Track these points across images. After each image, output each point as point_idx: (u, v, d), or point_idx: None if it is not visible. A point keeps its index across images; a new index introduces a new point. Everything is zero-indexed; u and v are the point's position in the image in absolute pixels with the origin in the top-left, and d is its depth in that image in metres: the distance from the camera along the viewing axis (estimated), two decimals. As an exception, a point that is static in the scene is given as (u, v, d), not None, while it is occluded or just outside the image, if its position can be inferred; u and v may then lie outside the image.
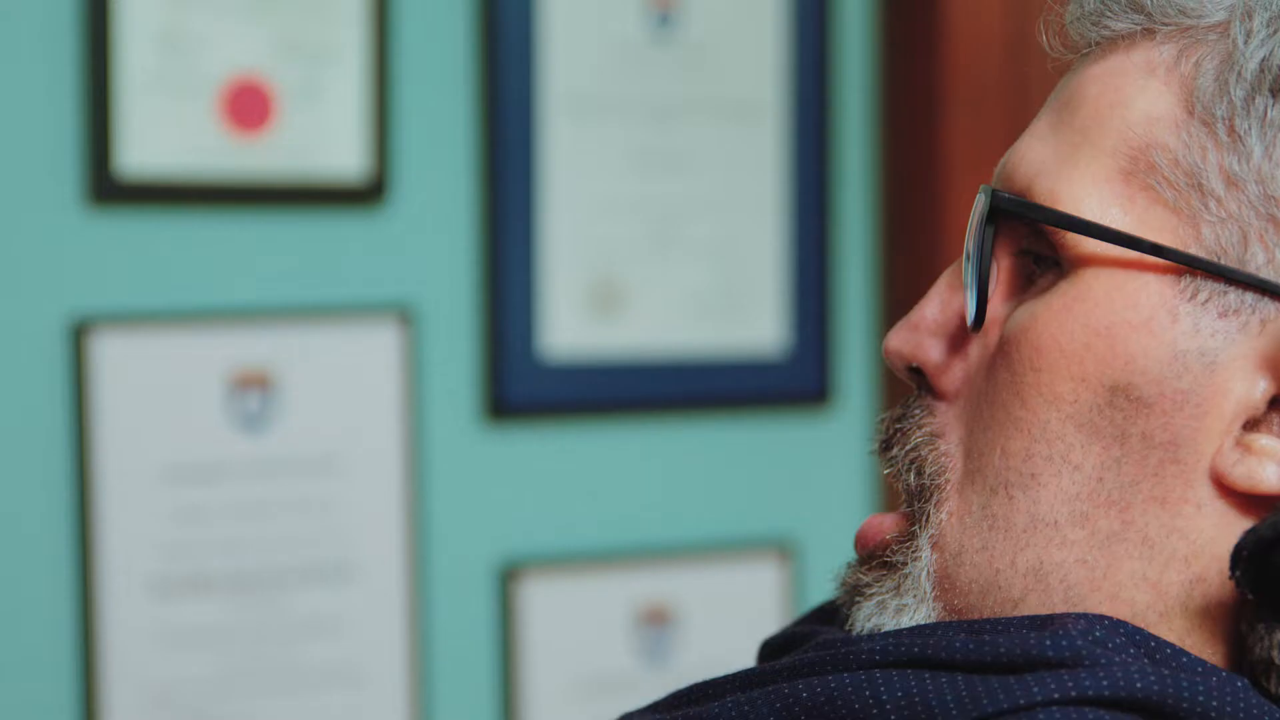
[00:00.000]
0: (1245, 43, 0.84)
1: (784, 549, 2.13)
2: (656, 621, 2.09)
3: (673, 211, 2.07)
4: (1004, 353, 0.86)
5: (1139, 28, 0.87)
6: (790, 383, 2.13)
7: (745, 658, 1.22)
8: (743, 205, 2.10)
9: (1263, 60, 0.83)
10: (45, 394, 1.84)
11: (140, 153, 1.84)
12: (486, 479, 2.02)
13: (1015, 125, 2.04)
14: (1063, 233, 0.85)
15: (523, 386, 2.01)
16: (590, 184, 2.03)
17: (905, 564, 0.89)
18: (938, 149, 2.07)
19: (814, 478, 2.16)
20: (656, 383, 2.07)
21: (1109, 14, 0.88)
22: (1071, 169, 0.86)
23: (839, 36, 2.15)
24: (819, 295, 2.14)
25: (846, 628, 0.92)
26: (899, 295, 2.14)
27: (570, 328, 2.03)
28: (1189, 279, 0.83)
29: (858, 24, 2.16)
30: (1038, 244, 0.87)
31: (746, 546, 2.12)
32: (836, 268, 2.15)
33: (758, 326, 2.11)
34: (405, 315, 1.95)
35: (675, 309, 2.08)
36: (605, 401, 2.06)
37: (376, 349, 1.94)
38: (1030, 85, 2.04)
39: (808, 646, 0.89)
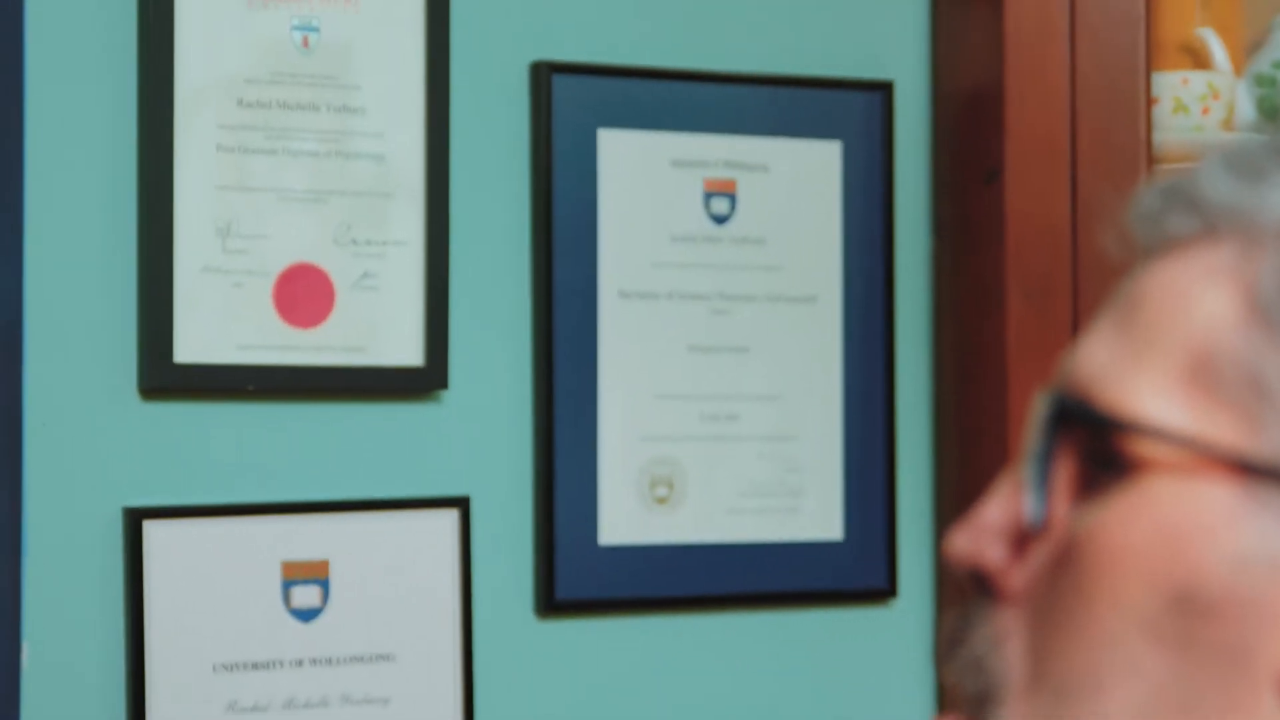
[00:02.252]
0: (1308, 245, 0.83)
1: (845, 744, 2.10)
2: (715, 818, 2.06)
3: (731, 401, 2.06)
4: (1067, 556, 0.85)
5: (1200, 229, 0.86)
6: (852, 577, 2.11)
7: None
8: (802, 395, 2.09)
9: (1324, 264, 0.82)
10: (100, 585, 1.83)
11: (198, 345, 1.85)
12: (544, 673, 2.00)
13: (1076, 317, 2.04)
14: (1125, 436, 0.83)
15: (579, 580, 2.00)
16: (647, 374, 2.03)
17: (968, 771, 0.88)
18: (998, 341, 2.06)
19: (875, 674, 2.14)
20: (715, 576, 2.06)
21: (1169, 216, 0.87)
22: (1134, 372, 0.85)
23: (899, 228, 2.15)
24: (882, 488, 2.12)
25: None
26: (962, 489, 2.12)
27: (627, 520, 2.02)
28: (1253, 483, 0.81)
29: (918, 214, 2.16)
30: (1100, 446, 0.86)
31: (807, 742, 2.09)
32: (900, 460, 2.14)
33: (819, 518, 2.10)
34: (462, 507, 1.94)
35: (734, 501, 2.07)
36: (663, 595, 2.04)
37: (433, 541, 1.93)
38: (1092, 279, 2.03)
39: None
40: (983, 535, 0.90)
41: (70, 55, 1.84)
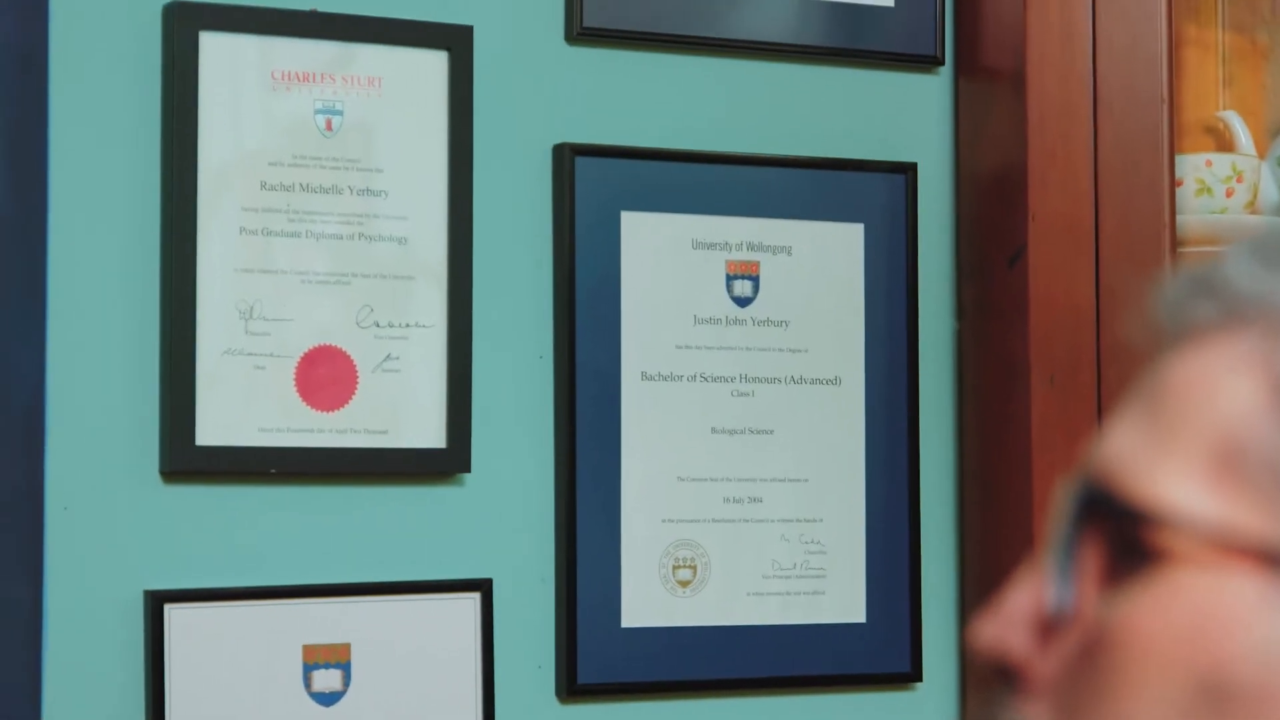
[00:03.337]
0: (1330, 330, 0.83)
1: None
2: None
3: (754, 484, 2.06)
4: (1094, 647, 0.84)
5: (1225, 317, 0.86)
6: (876, 660, 2.09)
7: None
8: (826, 477, 2.08)
9: (1345, 347, 0.82)
10: (121, 669, 1.83)
11: (219, 427, 1.85)
12: (565, 757, 1.99)
13: (1100, 399, 2.03)
14: (1152, 526, 0.83)
15: (602, 663, 1.99)
16: (670, 456, 2.02)
17: None
18: (1022, 422, 2.05)
19: (899, 756, 2.12)
20: (738, 659, 2.04)
21: (1194, 304, 0.87)
22: (1160, 462, 0.84)
23: (922, 310, 2.14)
24: (906, 570, 2.11)
25: None
26: (986, 572, 2.11)
27: (650, 602, 2.01)
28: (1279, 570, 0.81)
29: (941, 296, 2.16)
30: (1127, 535, 0.85)
31: (831, 828, 2.08)
32: (924, 543, 2.13)
33: (842, 601, 2.08)
34: (484, 590, 1.94)
35: (757, 583, 2.06)
36: (686, 678, 2.03)
37: (455, 624, 1.93)
38: (1115, 361, 2.03)
39: None
40: (1008, 624, 0.89)
41: (94, 137, 1.84)
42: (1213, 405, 0.84)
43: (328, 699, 1.88)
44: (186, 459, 1.84)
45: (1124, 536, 0.86)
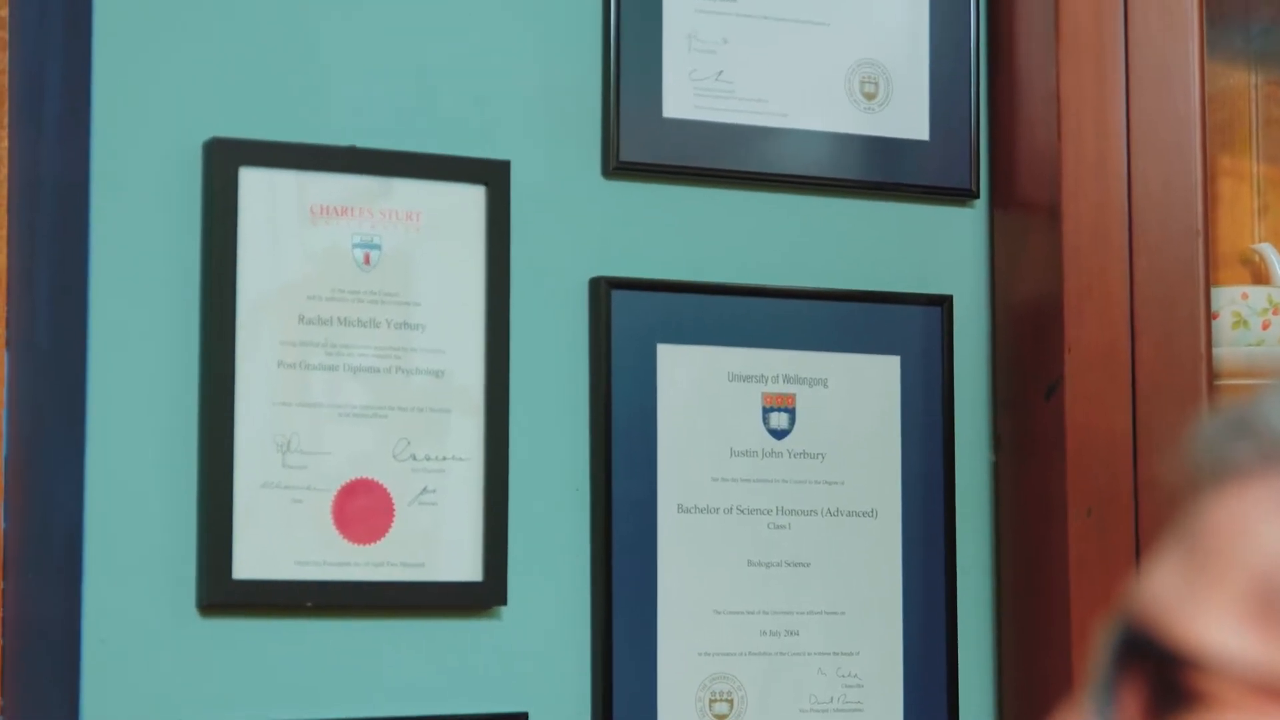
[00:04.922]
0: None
1: None
2: None
3: (791, 617, 2.05)
4: (1133, 789, 0.84)
5: (1264, 459, 0.86)
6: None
7: None
8: (863, 610, 2.07)
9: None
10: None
11: (257, 561, 1.85)
12: None
13: (1138, 532, 2.02)
14: (1192, 670, 0.83)
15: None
16: (707, 589, 2.02)
17: None
18: (1060, 556, 2.04)
19: None
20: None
21: (1230, 444, 0.87)
22: (1200, 605, 0.84)
23: (959, 442, 2.14)
24: (944, 705, 2.09)
25: None
26: (1025, 705, 2.10)
27: (687, 737, 2.00)
28: (1324, 715, 0.80)
29: (977, 428, 2.15)
30: (1167, 678, 0.85)
31: None
32: (961, 677, 2.11)
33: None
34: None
35: (795, 717, 2.04)
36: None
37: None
38: (1152, 494, 2.02)
39: None
40: (1048, 765, 0.88)
41: (133, 270, 1.86)
42: (1251, 548, 0.84)
43: (363, 834, 1.87)
44: (224, 592, 1.84)
45: (1164, 678, 0.85)
